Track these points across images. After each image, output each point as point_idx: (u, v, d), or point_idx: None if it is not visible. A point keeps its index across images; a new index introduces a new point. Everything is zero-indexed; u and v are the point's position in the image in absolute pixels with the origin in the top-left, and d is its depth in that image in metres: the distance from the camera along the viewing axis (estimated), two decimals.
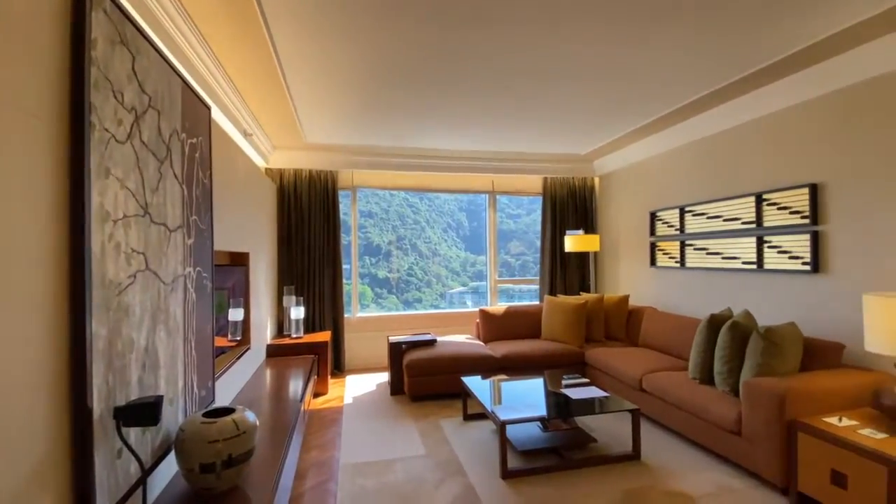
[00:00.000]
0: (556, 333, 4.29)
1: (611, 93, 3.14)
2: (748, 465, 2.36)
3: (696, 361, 2.87)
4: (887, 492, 1.77)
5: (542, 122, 3.83)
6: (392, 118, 3.65)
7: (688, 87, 3.06)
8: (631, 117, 3.72)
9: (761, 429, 2.26)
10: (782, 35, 2.33)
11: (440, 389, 3.75)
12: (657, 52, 2.51)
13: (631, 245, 4.86)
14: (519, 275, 5.97)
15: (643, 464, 2.59)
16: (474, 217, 6.41)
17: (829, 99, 2.74)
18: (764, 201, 3.17)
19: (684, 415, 2.80)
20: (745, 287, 3.36)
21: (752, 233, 3.26)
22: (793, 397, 2.18)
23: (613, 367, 3.55)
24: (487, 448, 2.84)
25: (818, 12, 2.12)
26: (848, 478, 1.92)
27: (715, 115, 3.48)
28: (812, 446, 2.07)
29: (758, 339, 2.46)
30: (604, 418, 3.29)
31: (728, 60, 2.63)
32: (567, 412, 2.67)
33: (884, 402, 2.03)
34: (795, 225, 2.94)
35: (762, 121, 3.21)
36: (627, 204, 4.92)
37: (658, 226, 4.36)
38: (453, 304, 5.98)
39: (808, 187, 2.84)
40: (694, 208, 3.86)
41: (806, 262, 2.86)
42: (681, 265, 4.02)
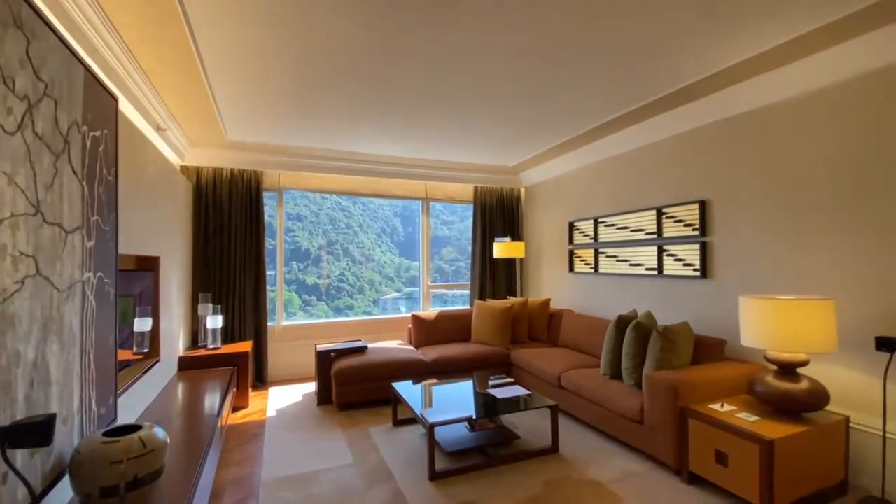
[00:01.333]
0: (485, 336, 4.45)
1: (533, 112, 3.37)
2: (650, 450, 2.64)
3: (607, 359, 3.15)
4: (759, 467, 2.08)
5: (473, 135, 3.98)
6: (323, 120, 3.58)
7: (598, 112, 3.40)
8: (551, 135, 4.00)
9: (659, 417, 2.55)
10: (676, 71, 2.68)
11: (370, 397, 3.72)
12: (570, 80, 2.75)
13: (552, 252, 5.20)
14: (453, 280, 6.10)
15: (561, 456, 2.79)
16: (409, 222, 6.44)
17: (716, 127, 3.18)
18: (664, 215, 3.58)
19: (597, 408, 3.06)
20: (649, 291, 3.76)
21: (654, 242, 3.67)
22: (684, 388, 2.49)
23: (535, 366, 3.76)
24: (417, 452, 2.87)
25: (706, 54, 2.46)
26: (728, 456, 2.22)
27: (624, 136, 3.87)
28: (699, 430, 2.37)
29: (657, 337, 2.77)
30: (527, 415, 3.47)
31: (632, 90, 2.96)
32: (493, 411, 2.79)
33: (756, 389, 2.38)
34: (688, 236, 3.36)
35: (662, 143, 3.62)
36: (549, 214, 5.26)
37: (576, 235, 4.72)
38: (387, 311, 5.94)
39: (698, 203, 3.27)
40: (606, 219, 4.24)
41: (696, 269, 3.28)
42: (595, 271, 4.39)
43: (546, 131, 3.93)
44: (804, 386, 2.23)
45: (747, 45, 2.36)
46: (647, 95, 3.08)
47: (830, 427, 2.23)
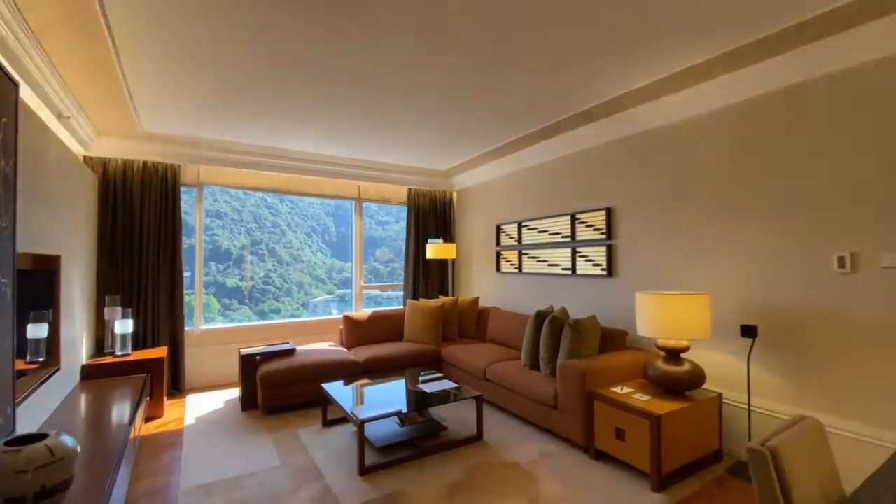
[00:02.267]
0: (417, 335, 4.57)
1: (462, 122, 3.57)
2: (563, 432, 2.92)
3: (527, 350, 3.42)
4: (650, 439, 2.41)
5: (405, 139, 4.10)
6: (249, 114, 3.48)
7: (520, 125, 3.71)
8: (479, 143, 4.24)
9: (570, 401, 2.84)
10: (586, 93, 3.00)
11: (299, 399, 3.67)
12: (494, 97, 2.98)
13: (481, 253, 5.46)
14: (388, 281, 6.14)
15: (484, 443, 2.99)
16: (342, 222, 6.35)
17: (620, 143, 3.58)
18: (577, 220, 3.96)
19: (518, 397, 3.31)
20: (564, 288, 4.12)
21: (568, 245, 4.03)
22: (591, 374, 2.80)
23: (464, 361, 3.96)
24: (347, 449, 2.91)
25: (612, 77, 2.80)
26: (626, 432, 2.54)
27: (544, 147, 4.21)
28: (603, 411, 2.68)
29: (569, 329, 3.07)
30: (455, 407, 3.65)
31: (550, 107, 3.26)
32: (423, 405, 2.91)
33: (649, 372, 2.74)
34: (597, 239, 3.74)
35: (576, 155, 4.00)
36: (479, 217, 5.53)
37: (502, 237, 5.01)
38: (317, 313, 5.82)
39: (605, 210, 3.66)
40: (529, 223, 4.57)
41: (604, 269, 3.67)
42: (519, 271, 4.70)
43: (474, 139, 4.15)
44: (686, 368, 2.62)
45: (639, 76, 2.73)
46: (562, 112, 3.41)
47: (707, 403, 2.65)
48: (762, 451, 1.19)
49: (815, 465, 1.32)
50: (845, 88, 2.31)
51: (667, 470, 2.40)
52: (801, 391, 2.49)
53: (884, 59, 2.16)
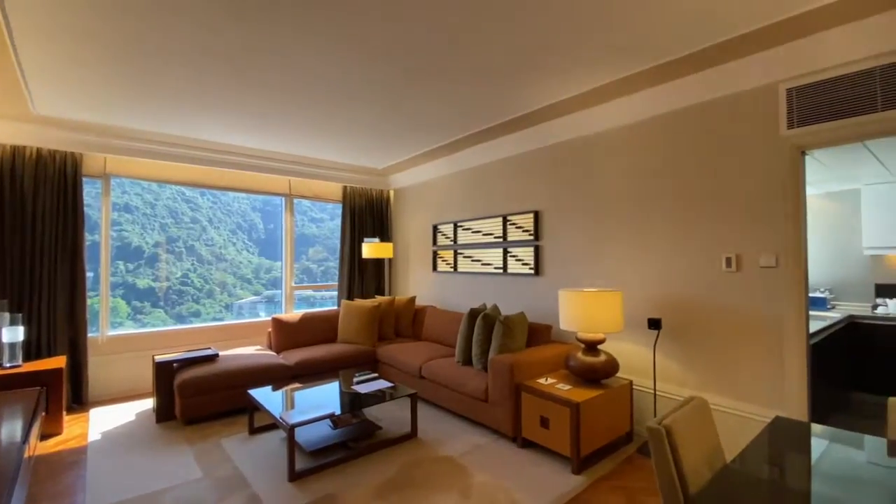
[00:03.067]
0: (352, 336, 4.51)
1: (399, 122, 3.59)
2: (493, 424, 3.06)
3: (460, 347, 3.53)
4: (570, 425, 2.60)
5: (338, 136, 4.02)
6: (165, 101, 3.22)
7: (454, 129, 3.81)
8: (416, 144, 4.29)
9: (500, 394, 2.98)
10: (515, 102, 3.16)
11: (223, 408, 3.47)
12: (428, 101, 3.03)
13: (419, 253, 5.51)
14: (322, 281, 5.96)
15: (419, 440, 3.04)
16: (271, 219, 6.05)
17: (548, 150, 3.81)
18: (508, 221, 4.15)
19: (451, 392, 3.40)
20: (497, 286, 4.30)
21: (500, 245, 4.22)
22: (518, 367, 2.96)
23: (400, 360, 3.98)
24: (276, 456, 2.81)
25: (537, 90, 2.97)
26: (550, 420, 2.72)
27: (478, 151, 4.35)
28: (529, 401, 2.85)
29: (499, 325, 3.22)
30: (390, 406, 3.66)
31: (481, 114, 3.39)
32: (357, 406, 2.90)
33: (570, 363, 2.95)
34: (526, 240, 3.95)
35: (508, 159, 4.18)
36: (416, 217, 5.57)
37: (439, 237, 5.10)
38: (243, 316, 5.50)
39: (533, 213, 3.88)
40: (464, 224, 4.70)
41: (532, 268, 3.89)
42: (454, 270, 4.82)
43: (411, 140, 4.18)
44: (602, 359, 2.86)
45: (562, 90, 2.93)
46: (493, 120, 3.56)
47: (619, 389, 2.91)
48: (659, 429, 1.36)
49: (702, 439, 1.52)
50: (734, 112, 2.66)
51: (585, 453, 2.61)
52: (696, 375, 2.83)
53: (764, 86, 2.52)
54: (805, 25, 2.16)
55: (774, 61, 2.41)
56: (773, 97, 2.49)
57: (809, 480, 1.25)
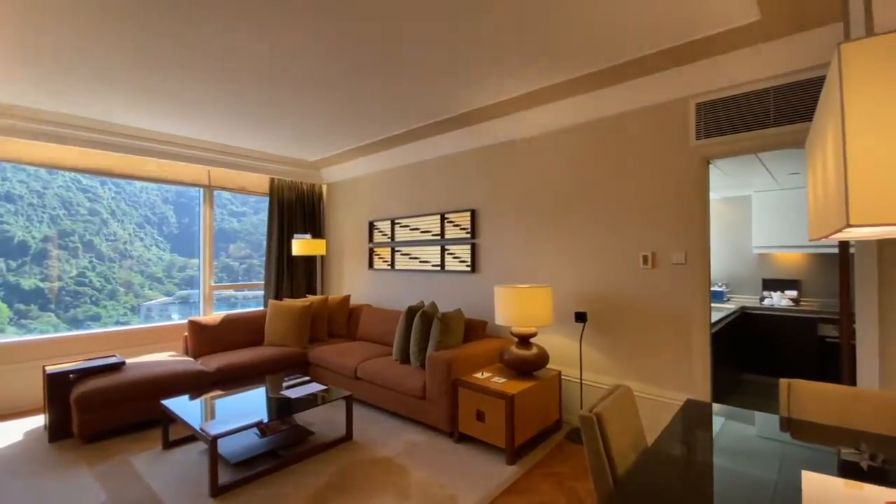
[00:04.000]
0: (281, 338, 4.27)
1: (335, 113, 3.45)
2: (431, 421, 3.06)
3: (398, 345, 3.49)
4: (504, 417, 2.68)
5: (267, 124, 3.77)
6: (59, 75, 2.80)
7: (393, 124, 3.74)
8: (352, 137, 4.16)
9: (437, 390, 2.99)
10: (454, 100, 3.18)
11: (131, 421, 3.11)
12: (368, 94, 2.95)
13: (354, 250, 5.36)
14: (244, 280, 5.57)
15: (355, 442, 2.96)
16: (185, 212, 5.53)
17: (484, 150, 3.88)
18: (446, 219, 4.17)
19: (389, 392, 3.36)
20: (434, 283, 4.31)
21: (438, 243, 4.23)
22: (456, 363, 2.99)
23: (333, 361, 3.85)
24: (196, 471, 2.58)
25: (477, 90, 3.01)
26: (485, 413, 2.79)
27: (417, 147, 4.32)
28: (466, 396, 2.89)
29: (437, 322, 3.23)
30: (324, 410, 3.52)
31: (417, 111, 3.37)
32: (286, 412, 2.74)
33: (505, 357, 3.04)
34: (463, 238, 4.01)
35: (446, 158, 4.21)
36: (351, 213, 5.41)
37: (375, 234, 5.00)
38: (152, 319, 4.98)
39: (470, 211, 3.94)
40: (401, 221, 4.65)
41: (468, 265, 3.95)
42: (392, 268, 4.75)
43: (347, 133, 4.04)
44: (534, 351, 2.98)
45: (497, 92, 3.01)
46: (430, 118, 3.56)
47: (549, 380, 3.05)
48: (590, 416, 1.43)
49: (627, 424, 1.64)
50: (651, 122, 2.90)
51: (519, 443, 2.71)
52: (618, 364, 3.05)
53: (677, 100, 2.77)
54: (713, 47, 2.40)
55: (686, 78, 2.66)
56: (684, 110, 2.75)
57: (712, 455, 1.40)
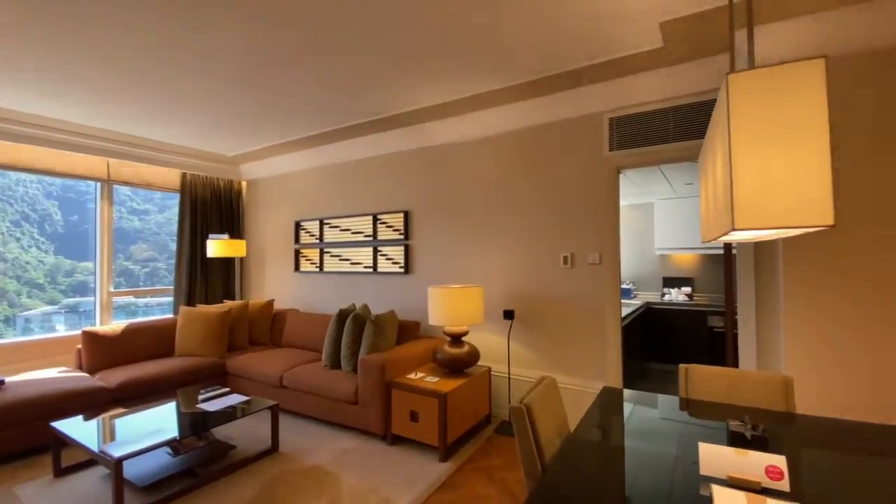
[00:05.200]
0: (195, 347, 3.92)
1: (259, 104, 3.26)
2: (363, 426, 3.01)
3: (328, 350, 3.39)
4: (438, 416, 2.72)
5: (182, 113, 3.46)
6: None
7: (324, 120, 3.63)
8: (278, 131, 3.95)
9: (370, 394, 2.95)
10: (387, 101, 3.17)
11: (14, 448, 2.67)
12: (298, 85, 2.84)
13: (278, 251, 5.08)
14: (147, 285, 5.01)
15: (281, 454, 2.81)
16: (74, 208, 4.85)
17: (418, 152, 3.91)
18: (378, 220, 4.13)
19: (318, 399, 3.24)
20: (366, 286, 4.24)
21: (371, 244, 4.17)
22: (389, 365, 2.98)
23: (256, 370, 3.62)
24: (97, 499, 2.28)
25: (411, 92, 3.02)
26: (419, 413, 2.80)
27: (349, 146, 4.22)
28: (399, 397, 2.89)
29: (370, 325, 3.19)
30: (246, 422, 3.30)
31: (349, 109, 3.31)
32: (203, 427, 2.53)
33: (437, 356, 3.08)
34: (396, 239, 4.00)
35: (380, 158, 4.17)
36: (275, 212, 5.13)
37: (302, 234, 4.79)
38: (32, 332, 4.30)
39: (403, 213, 3.94)
40: (331, 221, 4.51)
41: (402, 266, 3.95)
42: (320, 270, 4.59)
43: (272, 127, 3.84)
44: (465, 349, 3.06)
45: (429, 97, 3.06)
46: (364, 116, 3.51)
47: (480, 376, 3.16)
48: (520, 407, 1.52)
49: (553, 413, 1.76)
50: (572, 133, 3.13)
51: (451, 440, 2.77)
52: (543, 357, 3.24)
53: (594, 114, 3.02)
54: (624, 68, 2.66)
55: (601, 94, 2.91)
56: (599, 124, 3.01)
57: (623, 437, 1.55)
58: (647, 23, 2.18)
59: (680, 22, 2.16)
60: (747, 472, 1.22)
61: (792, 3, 1.99)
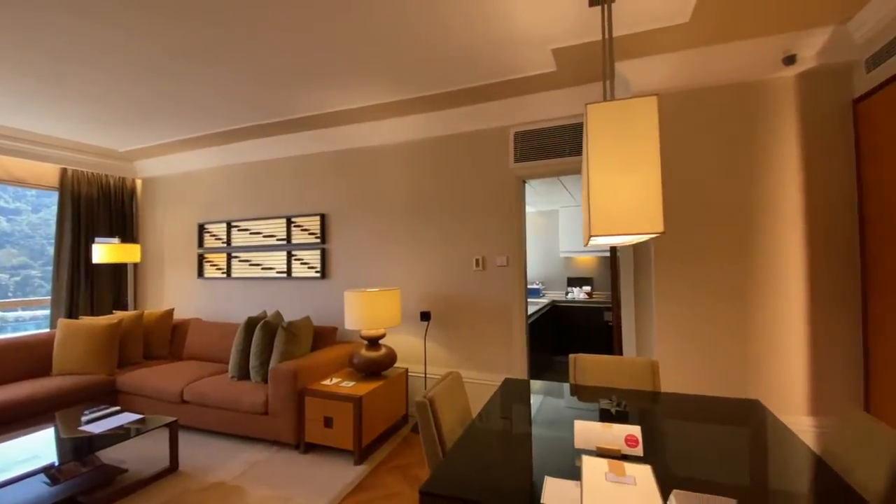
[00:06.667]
0: (78, 364, 3.49)
1: (159, 95, 3.02)
2: (274, 436, 2.92)
3: (235, 361, 3.23)
4: (353, 420, 2.73)
5: (62, 100, 3.09)
6: None
7: (228, 117, 3.45)
8: (174, 127, 3.68)
9: (282, 403, 2.88)
10: (300, 101, 3.12)
11: None
12: (205, 76, 2.70)
13: (178, 256, 4.70)
14: (18, 295, 4.35)
15: (181, 472, 2.63)
16: None
17: (334, 155, 3.88)
18: (293, 223, 4.02)
19: (225, 412, 3.07)
20: (279, 292, 4.10)
21: (284, 248, 4.05)
22: (303, 372, 2.93)
23: (152, 386, 3.33)
24: None
25: (324, 94, 3.01)
26: (334, 419, 2.79)
27: (260, 145, 4.06)
28: (313, 404, 2.85)
29: (282, 332, 3.10)
30: (141, 443, 3.02)
31: (258, 107, 3.21)
32: (87, 451, 2.29)
33: (354, 361, 3.09)
34: (312, 243, 3.92)
35: (295, 159, 4.06)
36: (175, 213, 4.74)
37: (206, 238, 4.49)
38: None
39: (319, 216, 3.88)
40: (239, 224, 4.29)
41: (318, 271, 3.88)
42: (227, 275, 4.34)
43: (169, 121, 3.57)
44: (383, 352, 3.11)
45: (343, 100, 3.09)
46: (275, 115, 3.41)
47: (397, 378, 3.22)
48: (424, 401, 1.62)
49: (456, 405, 1.89)
50: (483, 144, 3.33)
51: (367, 442, 2.80)
52: (457, 356, 3.40)
53: (501, 127, 3.25)
54: (527, 87, 2.91)
55: (507, 110, 3.15)
56: (505, 137, 3.24)
57: (516, 421, 1.72)
58: (542, 49, 2.43)
59: (569, 50, 2.43)
60: (611, 442, 1.44)
61: (657, 42, 2.35)
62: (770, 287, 2.37)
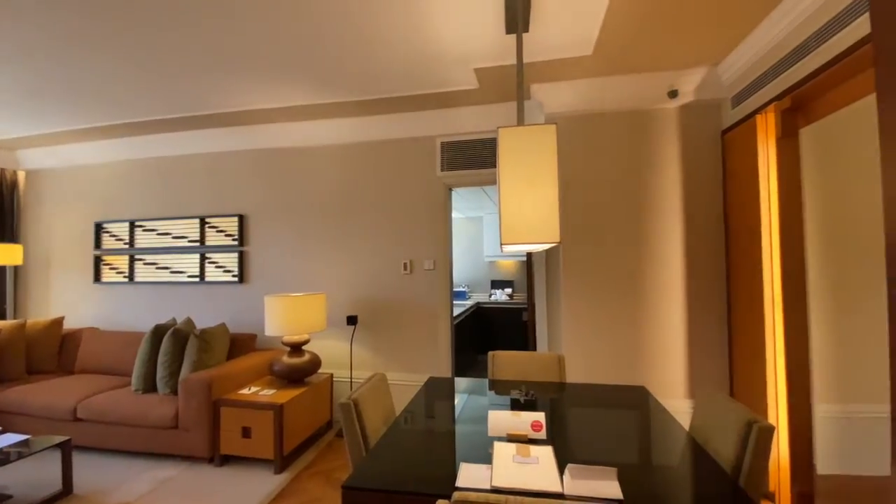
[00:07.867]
0: None
1: (37, 84, 2.71)
2: (185, 451, 2.75)
3: (140, 373, 2.98)
4: (273, 428, 2.66)
5: None
6: None
7: (129, 108, 3.19)
8: (67, 115, 3.31)
9: (194, 416, 2.72)
10: (214, 97, 2.99)
11: None
12: (87, 68, 2.49)
13: (70, 258, 4.20)
14: None
15: (76, 496, 2.39)
16: None
17: (253, 154, 3.73)
18: (207, 224, 3.79)
19: (128, 429, 2.83)
20: (191, 297, 3.84)
21: (196, 250, 3.80)
22: (218, 382, 2.79)
23: (37, 404, 2.96)
24: None
25: (238, 89, 2.91)
26: (252, 429, 2.70)
27: (169, 139, 3.78)
28: (230, 415, 2.73)
29: (194, 340, 2.93)
30: (28, 466, 2.68)
31: (167, 99, 3.02)
32: None
33: (275, 368, 3.01)
34: (229, 245, 3.73)
35: (210, 156, 3.83)
36: (67, 210, 4.23)
37: (105, 238, 4.07)
38: None
39: (237, 217, 3.71)
40: (145, 223, 3.95)
41: (235, 275, 3.71)
42: (130, 280, 3.97)
43: (64, 109, 3.20)
44: (306, 358, 3.07)
45: (268, 99, 3.02)
46: (189, 109, 3.21)
47: (321, 384, 3.19)
48: (348, 402, 1.67)
49: (380, 405, 1.95)
50: (412, 151, 3.43)
51: (289, 450, 2.75)
52: (384, 358, 3.45)
53: (429, 136, 3.37)
54: (452, 100, 3.06)
55: (435, 120, 3.28)
56: (432, 146, 3.37)
57: (452, 419, 1.83)
58: (465, 67, 2.59)
59: (490, 70, 2.62)
60: (519, 428, 1.60)
61: (566, 70, 2.61)
62: (657, 289, 2.74)
